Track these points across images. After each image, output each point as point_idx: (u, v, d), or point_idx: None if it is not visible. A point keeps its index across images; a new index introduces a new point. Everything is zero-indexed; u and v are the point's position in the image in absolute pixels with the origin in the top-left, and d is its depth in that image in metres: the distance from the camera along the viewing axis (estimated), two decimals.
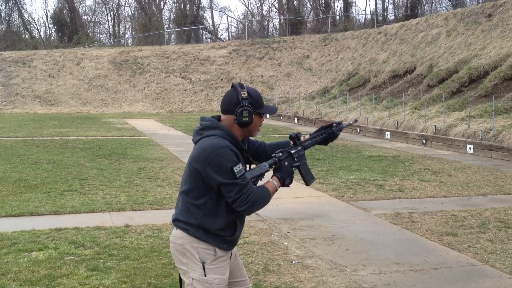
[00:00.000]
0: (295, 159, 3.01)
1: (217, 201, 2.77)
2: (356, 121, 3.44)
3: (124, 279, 4.80)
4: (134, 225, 6.65)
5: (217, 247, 2.81)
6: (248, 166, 2.99)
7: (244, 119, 2.81)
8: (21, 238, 6.01)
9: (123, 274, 4.92)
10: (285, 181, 2.93)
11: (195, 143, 2.85)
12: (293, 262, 5.39)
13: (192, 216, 2.80)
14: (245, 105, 2.81)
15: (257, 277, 4.94)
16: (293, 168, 2.99)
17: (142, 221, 6.86)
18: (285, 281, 4.84)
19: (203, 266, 2.77)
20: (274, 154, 2.98)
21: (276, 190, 2.89)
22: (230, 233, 2.84)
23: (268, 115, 3.15)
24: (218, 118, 2.92)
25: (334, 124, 3.23)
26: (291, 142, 3.07)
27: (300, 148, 3.05)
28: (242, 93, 2.83)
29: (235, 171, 2.68)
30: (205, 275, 2.76)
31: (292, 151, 3.01)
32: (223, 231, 2.81)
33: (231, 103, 2.84)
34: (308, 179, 3.09)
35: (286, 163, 2.97)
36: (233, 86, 2.89)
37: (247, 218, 7.07)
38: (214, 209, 2.78)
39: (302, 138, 3.12)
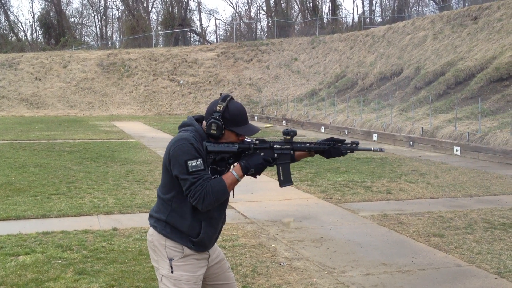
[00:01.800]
0: (275, 155, 2.85)
1: (184, 198, 2.77)
2: (382, 150, 2.98)
3: (112, 283, 4.78)
4: (122, 228, 6.62)
5: (185, 246, 2.81)
6: (232, 166, 2.94)
7: (212, 131, 2.77)
8: (8, 242, 5.96)
9: (111, 277, 4.90)
10: (248, 171, 2.76)
11: None
12: (282, 264, 5.40)
13: (162, 212, 2.84)
14: (215, 118, 2.76)
15: (246, 279, 4.94)
16: (268, 163, 2.82)
17: (130, 224, 6.84)
18: (274, 283, 4.85)
19: (170, 263, 2.79)
20: (253, 140, 2.86)
21: (237, 181, 2.76)
22: (195, 233, 2.80)
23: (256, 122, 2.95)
24: (202, 118, 2.93)
25: (347, 142, 2.93)
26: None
27: (288, 146, 2.86)
28: (218, 105, 2.77)
29: (189, 165, 2.66)
30: (172, 272, 2.78)
31: (275, 146, 2.85)
32: (189, 230, 2.80)
33: (208, 111, 2.83)
34: (283, 181, 2.89)
35: (261, 153, 2.82)
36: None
37: (236, 220, 7.09)
38: (180, 205, 2.79)
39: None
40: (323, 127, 22.60)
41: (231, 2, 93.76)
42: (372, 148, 2.99)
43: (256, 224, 7.01)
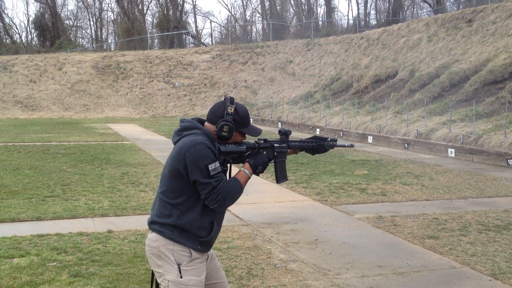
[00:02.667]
0: (275, 153, 3.04)
1: (194, 200, 2.81)
2: (352, 145, 3.41)
3: (107, 285, 4.77)
4: (117, 231, 6.61)
5: (193, 249, 2.82)
6: (229, 166, 3.02)
7: (223, 133, 2.86)
8: (3, 244, 5.95)
9: (106, 280, 4.90)
10: (256, 169, 2.92)
11: (175, 143, 2.90)
12: (277, 266, 5.41)
13: (169, 216, 2.83)
14: (228, 120, 2.85)
15: (241, 281, 4.94)
16: (270, 160, 3.00)
17: (125, 227, 6.83)
18: (269, 285, 4.86)
19: (179, 268, 2.79)
20: (256, 140, 3.01)
21: (249, 178, 2.90)
22: (206, 233, 2.85)
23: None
24: (199, 120, 2.97)
25: (328, 139, 3.22)
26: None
27: (285, 145, 3.06)
28: (229, 108, 2.86)
29: (210, 169, 2.72)
30: (181, 277, 2.79)
31: (275, 145, 3.04)
32: (199, 231, 2.83)
33: (216, 114, 2.89)
34: (280, 177, 3.07)
35: (264, 152, 3.00)
36: (225, 98, 2.93)
37: (231, 222, 7.09)
38: (191, 208, 2.81)
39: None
40: (318, 130, 22.64)
41: (227, 5, 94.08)
42: (346, 144, 3.36)
43: (251, 226, 7.01)
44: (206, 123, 2.94)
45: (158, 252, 2.83)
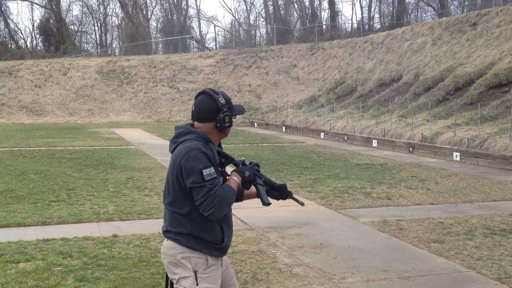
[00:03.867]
0: (255, 174, 3.03)
1: None
2: (303, 204, 3.33)
3: None
4: (122, 235, 6.62)
5: (209, 255, 2.83)
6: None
7: (226, 124, 2.87)
8: (8, 249, 5.96)
9: (111, 284, 4.90)
10: (244, 173, 2.92)
11: (172, 152, 2.89)
12: (282, 270, 5.40)
13: (182, 226, 2.82)
14: (225, 111, 2.86)
15: (246, 286, 4.94)
16: (256, 171, 3.01)
17: (130, 231, 6.84)
18: None
19: (195, 275, 2.79)
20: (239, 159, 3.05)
21: (238, 185, 2.90)
22: (219, 239, 2.86)
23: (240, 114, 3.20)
24: (192, 126, 2.95)
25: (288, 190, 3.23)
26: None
27: (258, 169, 3.07)
28: (220, 99, 2.87)
29: (204, 174, 2.69)
30: (197, 284, 2.78)
31: (253, 167, 3.05)
32: (213, 238, 2.83)
33: (210, 110, 2.87)
34: (264, 198, 3.01)
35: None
36: (204, 93, 2.90)
37: (236, 226, 7.08)
38: (201, 215, 2.80)
39: None
40: (322, 134, 22.63)
41: (230, 9, 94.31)
42: (299, 201, 3.23)
43: (256, 231, 7.01)
44: (197, 124, 2.90)
45: (174, 260, 2.83)
